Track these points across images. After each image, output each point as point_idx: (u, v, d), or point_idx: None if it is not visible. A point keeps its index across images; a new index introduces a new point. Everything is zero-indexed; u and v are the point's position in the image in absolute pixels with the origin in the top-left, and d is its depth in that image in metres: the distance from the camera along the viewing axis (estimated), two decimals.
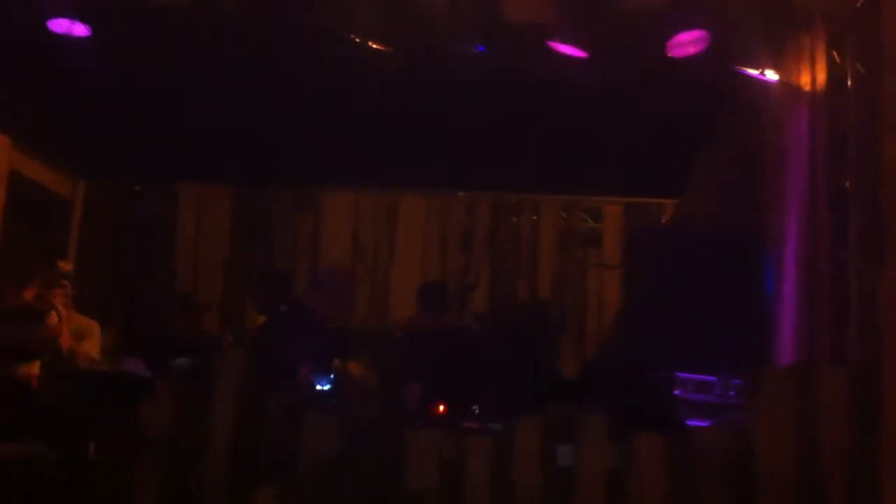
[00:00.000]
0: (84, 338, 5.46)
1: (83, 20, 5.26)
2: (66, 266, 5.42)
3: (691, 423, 4.43)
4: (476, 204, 8.18)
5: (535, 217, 8.14)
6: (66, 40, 5.37)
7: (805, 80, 4.88)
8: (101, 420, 3.69)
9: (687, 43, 5.01)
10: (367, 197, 8.12)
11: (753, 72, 5.19)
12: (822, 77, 4.71)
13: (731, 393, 4.63)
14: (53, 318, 5.16)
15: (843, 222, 4.24)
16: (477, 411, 4.84)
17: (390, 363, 5.17)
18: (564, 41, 5.17)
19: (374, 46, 5.45)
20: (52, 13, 5.22)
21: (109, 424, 3.67)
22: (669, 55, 5.09)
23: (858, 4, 4.29)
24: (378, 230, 8.13)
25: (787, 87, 5.05)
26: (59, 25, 5.27)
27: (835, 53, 4.59)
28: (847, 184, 4.33)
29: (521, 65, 5.57)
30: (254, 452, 3.60)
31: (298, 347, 4.62)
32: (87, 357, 5.34)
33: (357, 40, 5.51)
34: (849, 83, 4.41)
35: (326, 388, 4.34)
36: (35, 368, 4.96)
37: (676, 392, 4.59)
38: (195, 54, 5.84)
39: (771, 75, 5.18)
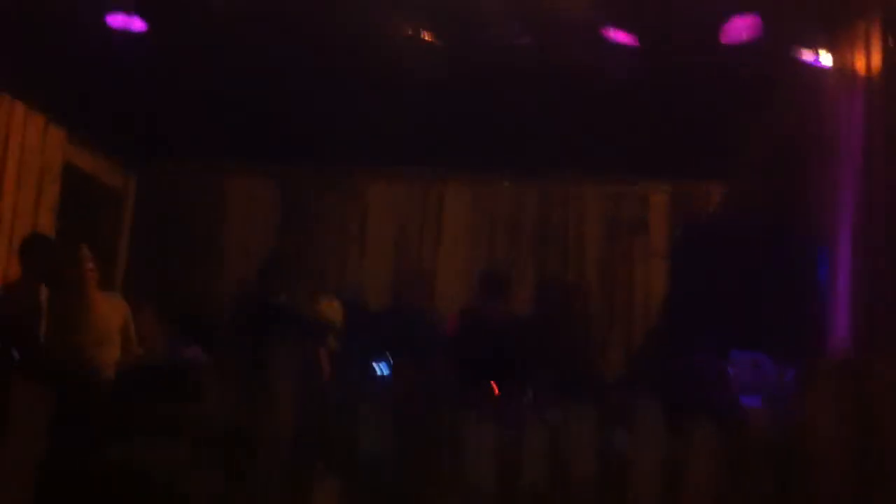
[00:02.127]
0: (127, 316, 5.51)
1: (140, 15, 5.34)
2: (86, 250, 5.46)
3: (744, 400, 4.43)
4: (522, 193, 8.17)
5: (581, 206, 8.11)
6: (124, 34, 5.47)
7: (860, 66, 4.83)
8: (163, 413, 3.75)
9: (740, 29, 4.98)
10: (412, 187, 8.14)
11: (807, 58, 5.15)
12: (877, 63, 4.66)
13: (785, 373, 4.62)
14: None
15: None
16: (528, 396, 4.87)
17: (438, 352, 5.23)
18: (616, 29, 5.16)
19: (427, 39, 5.48)
20: (110, 8, 5.31)
21: (172, 417, 3.73)
22: (722, 42, 5.06)
23: None
24: (424, 220, 8.15)
25: (842, 74, 5.00)
26: (116, 20, 5.35)
27: (890, 39, 4.54)
28: None
29: (572, 53, 5.56)
30: (314, 445, 3.64)
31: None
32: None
33: (410, 33, 5.54)
34: None
35: (386, 373, 4.39)
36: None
37: (730, 370, 4.59)
38: (244, 45, 5.90)
39: (825, 61, 5.13)
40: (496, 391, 4.80)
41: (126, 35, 5.45)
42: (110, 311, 5.40)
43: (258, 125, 6.77)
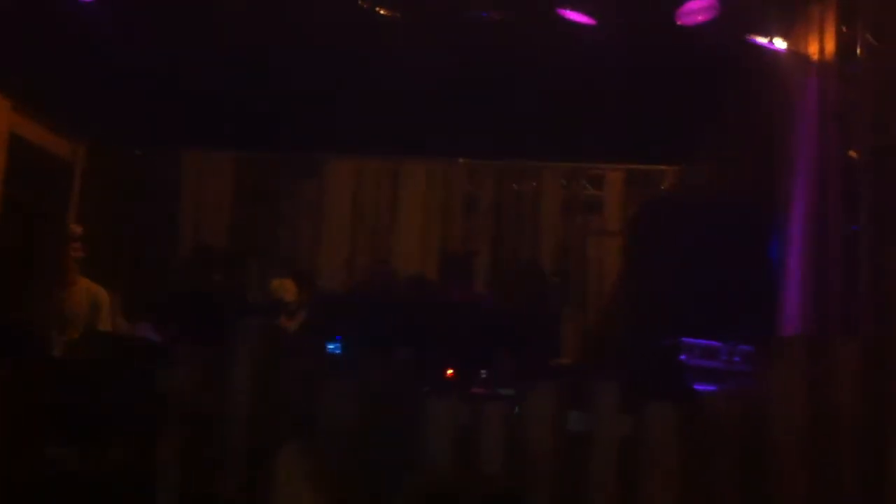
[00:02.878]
0: (98, 304, 5.44)
1: None
2: (77, 229, 5.39)
3: (698, 387, 4.48)
4: (477, 171, 8.18)
5: (536, 184, 8.14)
6: (71, 3, 5.33)
7: (814, 50, 4.88)
8: (122, 387, 3.70)
9: (696, 11, 5.01)
10: (368, 164, 8.11)
11: (762, 41, 5.19)
12: (831, 47, 4.72)
13: (737, 359, 4.68)
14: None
15: (853, 193, 4.27)
16: (484, 376, 4.88)
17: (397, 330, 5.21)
18: (573, 8, 5.16)
19: (382, 12, 5.44)
20: None
21: (130, 392, 3.68)
22: (679, 23, 5.08)
23: None
24: (379, 197, 8.13)
25: (797, 57, 5.05)
26: None
27: (843, 25, 4.59)
28: (854, 154, 4.35)
29: (528, 31, 5.55)
30: (273, 418, 3.62)
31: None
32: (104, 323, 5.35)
33: (364, 5, 5.49)
34: (858, 52, 4.41)
35: (337, 350, 4.37)
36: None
37: (682, 357, 4.63)
38: (199, 19, 5.81)
39: (780, 44, 5.18)
40: (450, 370, 4.80)
41: (75, 2, 5.31)
42: (82, 296, 5.32)
43: (214, 101, 6.67)
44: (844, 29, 4.60)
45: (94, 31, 5.75)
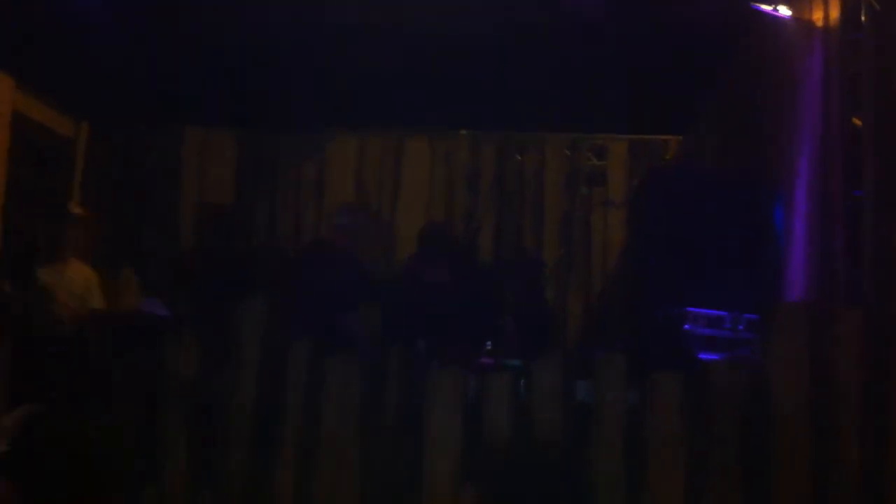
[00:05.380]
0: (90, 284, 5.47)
1: None
2: (78, 208, 5.41)
3: (702, 356, 4.49)
4: (480, 143, 8.15)
5: (539, 156, 8.12)
6: None
7: (818, 17, 4.85)
8: (124, 363, 3.71)
9: None
10: (370, 141, 8.09)
11: (765, 7, 5.16)
12: (835, 13, 4.68)
13: (741, 327, 4.68)
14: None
15: (857, 162, 4.26)
16: (490, 347, 4.90)
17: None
18: None
19: None
20: None
21: (134, 368, 3.69)
22: None
23: None
24: (382, 173, 8.11)
25: (800, 23, 5.02)
26: None
27: None
28: (859, 122, 4.33)
29: (530, 3, 5.52)
30: (279, 396, 3.65)
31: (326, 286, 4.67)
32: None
33: None
34: (863, 19, 4.38)
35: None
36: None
37: (687, 326, 4.64)
38: None
39: (783, 11, 5.14)
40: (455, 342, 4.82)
41: None
42: (78, 277, 5.34)
43: (216, 79, 6.65)
44: None
45: (97, 9, 5.72)
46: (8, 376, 3.68)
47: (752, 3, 5.14)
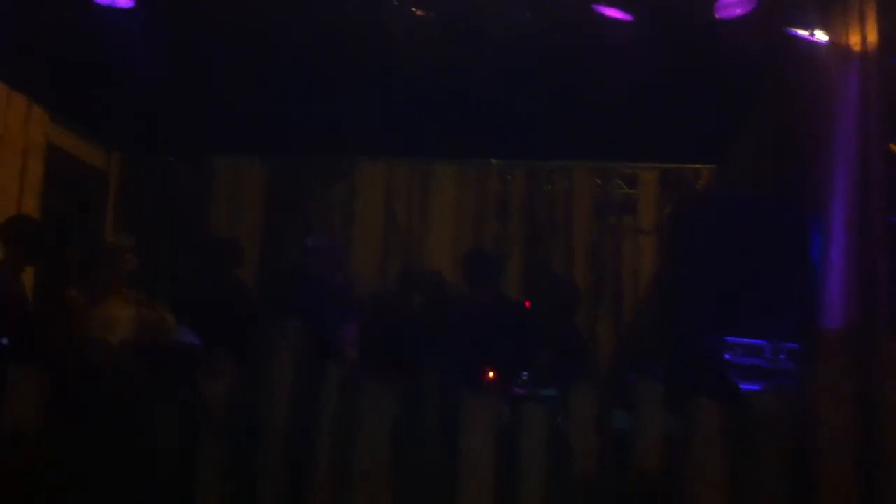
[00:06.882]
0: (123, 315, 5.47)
1: None
2: (113, 238, 5.43)
3: (743, 387, 4.42)
4: (510, 171, 8.14)
5: (569, 184, 8.08)
6: (106, 12, 5.37)
7: (855, 41, 4.81)
8: (162, 394, 3.70)
9: (734, 3, 4.94)
10: (400, 166, 8.09)
11: (802, 33, 5.12)
12: (872, 38, 4.65)
13: (782, 356, 4.61)
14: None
15: (894, 187, 4.20)
16: (526, 378, 4.85)
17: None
18: (609, 4, 5.11)
19: (416, 12, 5.42)
20: None
21: (170, 398, 3.68)
22: (716, 17, 5.02)
23: None
24: (411, 199, 8.10)
25: (837, 49, 4.97)
26: None
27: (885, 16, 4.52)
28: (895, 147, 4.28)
29: (564, 28, 5.51)
30: (314, 423, 3.61)
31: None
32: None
33: (396, 2, 5.48)
34: None
35: None
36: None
37: (726, 356, 4.58)
38: (230, 26, 5.83)
39: (820, 36, 5.10)
40: (490, 371, 4.77)
41: (112, 11, 5.34)
42: (113, 307, 5.36)
43: (247, 106, 6.69)
44: (887, 18, 4.54)
45: (128, 43, 5.78)
46: (45, 401, 3.67)
47: (787, 29, 5.11)
